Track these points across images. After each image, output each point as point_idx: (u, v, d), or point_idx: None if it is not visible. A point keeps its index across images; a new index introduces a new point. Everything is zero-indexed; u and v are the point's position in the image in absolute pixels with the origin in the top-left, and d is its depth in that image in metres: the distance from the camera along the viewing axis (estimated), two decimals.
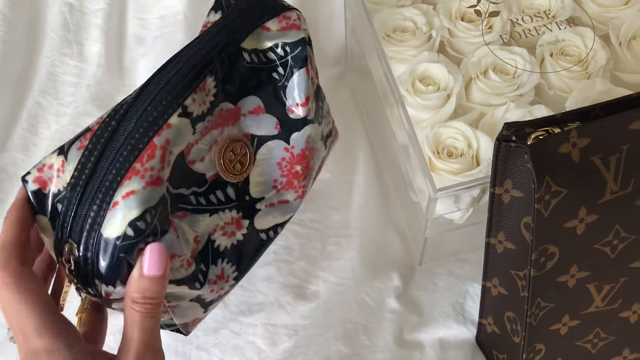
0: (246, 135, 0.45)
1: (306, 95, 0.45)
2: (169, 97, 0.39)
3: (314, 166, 0.49)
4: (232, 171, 0.44)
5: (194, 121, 0.41)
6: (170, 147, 0.39)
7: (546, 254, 0.42)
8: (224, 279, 0.44)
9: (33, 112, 0.70)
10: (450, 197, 0.49)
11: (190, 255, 0.41)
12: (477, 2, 0.56)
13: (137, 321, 0.37)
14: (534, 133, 0.39)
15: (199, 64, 0.41)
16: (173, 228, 0.40)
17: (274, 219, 0.47)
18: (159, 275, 0.37)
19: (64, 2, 0.76)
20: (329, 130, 0.51)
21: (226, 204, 0.44)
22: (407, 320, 0.57)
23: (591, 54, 0.53)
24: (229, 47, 0.43)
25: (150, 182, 0.38)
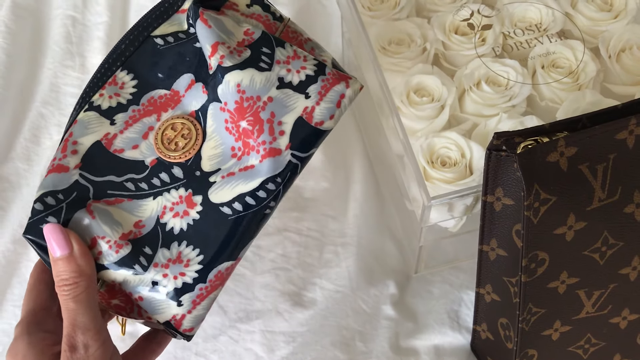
0: (192, 114, 0.45)
1: (211, 44, 0.43)
2: (80, 100, 0.44)
3: (277, 118, 0.44)
4: (174, 150, 0.44)
5: (105, 112, 0.44)
6: (72, 138, 0.43)
7: (536, 260, 0.43)
8: (182, 263, 0.42)
9: (35, 122, 0.71)
10: (444, 205, 0.50)
11: (121, 238, 0.41)
12: (470, 15, 0.58)
13: (62, 304, 0.39)
14: (523, 142, 0.40)
15: (105, 63, 0.45)
16: (87, 211, 0.41)
17: (236, 189, 0.43)
18: (65, 255, 0.38)
19: (66, 15, 0.77)
20: (307, 75, 0.45)
21: (171, 184, 0.43)
22: (402, 327, 0.58)
23: (581, 66, 0.55)
24: (137, 40, 0.45)
25: (51, 169, 0.42)
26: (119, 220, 0.42)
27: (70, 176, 0.42)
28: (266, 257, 0.61)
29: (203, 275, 0.42)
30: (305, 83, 0.45)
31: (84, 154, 0.43)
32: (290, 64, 0.45)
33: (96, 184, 0.43)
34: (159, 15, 0.46)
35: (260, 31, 0.45)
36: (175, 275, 0.42)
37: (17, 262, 0.63)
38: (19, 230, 0.64)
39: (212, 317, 0.58)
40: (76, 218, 0.41)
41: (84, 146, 0.43)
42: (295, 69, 0.45)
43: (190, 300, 0.42)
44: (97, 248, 0.41)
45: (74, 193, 0.42)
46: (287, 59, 0.45)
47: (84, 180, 0.42)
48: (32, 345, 0.40)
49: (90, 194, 0.42)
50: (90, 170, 0.43)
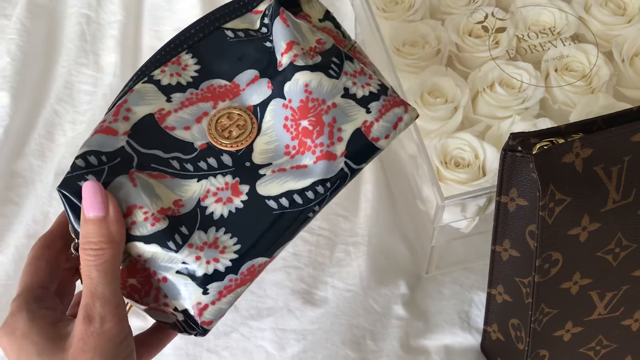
0: (249, 108, 0.44)
1: (286, 41, 0.43)
2: (139, 72, 0.44)
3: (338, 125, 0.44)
4: (227, 137, 0.43)
5: (163, 88, 0.43)
6: (126, 104, 0.42)
7: (550, 261, 0.43)
8: (218, 248, 0.41)
9: (50, 119, 0.72)
10: (457, 205, 0.50)
11: (159, 212, 0.40)
12: (485, 18, 0.58)
13: (84, 269, 0.37)
14: (538, 143, 0.40)
15: (171, 43, 0.45)
16: (130, 178, 0.40)
17: (285, 185, 0.43)
18: (100, 217, 0.36)
19: (81, 14, 0.78)
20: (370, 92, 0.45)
21: (218, 170, 0.43)
22: (413, 327, 0.58)
23: (594, 69, 0.55)
24: (207, 28, 0.45)
25: (100, 130, 0.41)
26: (160, 195, 0.41)
27: (118, 141, 0.41)
28: (278, 255, 0.61)
29: (236, 265, 0.41)
30: (369, 98, 0.45)
31: (135, 123, 0.42)
32: (357, 77, 0.45)
33: (141, 155, 0.42)
34: (232, 11, 0.46)
35: (331, 43, 0.45)
36: (208, 260, 0.41)
37: None
38: (32, 225, 0.65)
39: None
40: (117, 182, 0.40)
41: (137, 115, 0.42)
42: (360, 83, 0.45)
43: (217, 290, 0.41)
44: (132, 217, 0.39)
45: (117, 158, 0.41)
46: (354, 73, 0.45)
47: (130, 149, 0.41)
48: (32, 321, 0.37)
49: (134, 163, 0.41)
50: (138, 140, 0.42)
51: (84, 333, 0.36)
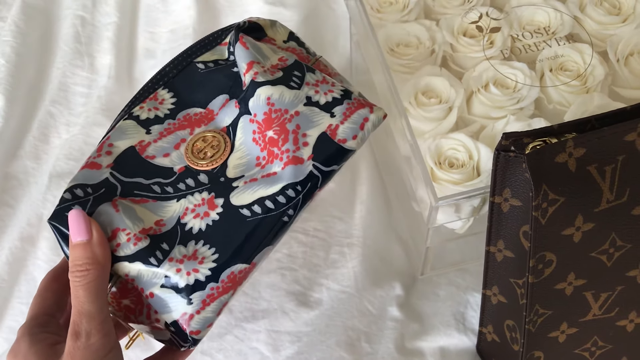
0: (223, 129, 0.47)
1: (246, 62, 0.47)
2: (122, 113, 0.48)
3: (302, 130, 0.46)
4: (203, 157, 0.46)
5: (143, 123, 0.47)
6: (109, 140, 0.46)
7: (544, 261, 0.43)
8: (197, 260, 0.43)
9: (44, 121, 0.72)
10: (451, 206, 0.50)
11: (141, 232, 0.43)
12: (479, 18, 0.58)
13: (72, 290, 0.39)
14: (531, 143, 0.40)
15: (149, 82, 0.49)
16: (113, 205, 0.43)
17: (257, 193, 0.45)
18: (83, 241, 0.39)
19: (76, 15, 0.78)
20: (333, 97, 0.48)
21: (195, 188, 0.45)
22: (408, 329, 0.58)
23: (589, 69, 0.55)
24: (181, 64, 0.49)
25: (85, 165, 0.45)
26: (141, 217, 0.43)
27: (102, 173, 0.44)
28: (272, 257, 0.61)
29: (216, 274, 0.43)
30: (332, 104, 0.47)
31: (118, 156, 0.45)
32: (319, 86, 0.48)
33: (124, 184, 0.45)
34: (203, 46, 0.50)
35: (293, 59, 0.48)
36: (188, 271, 0.43)
37: (25, 260, 0.63)
38: (26, 228, 0.64)
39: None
40: (100, 209, 0.43)
41: (119, 149, 0.46)
42: (323, 91, 0.48)
43: (200, 299, 0.43)
44: (116, 240, 0.42)
45: (102, 189, 0.44)
46: (316, 82, 0.48)
47: (114, 179, 0.44)
48: (33, 344, 0.40)
49: (118, 191, 0.44)
50: (121, 171, 0.45)
51: (72, 348, 0.38)
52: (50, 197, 0.66)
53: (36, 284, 0.61)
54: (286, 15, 0.76)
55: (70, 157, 0.68)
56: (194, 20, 0.77)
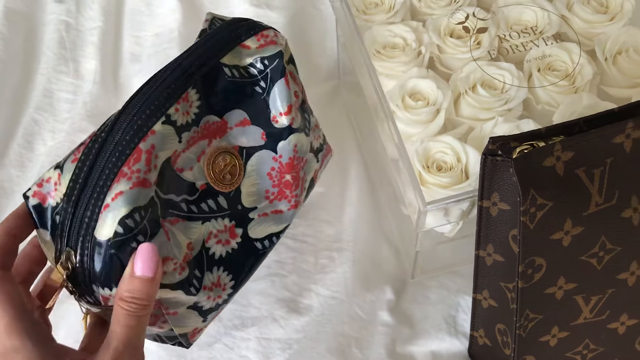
0: (235, 147, 0.47)
1: (288, 104, 0.48)
2: (152, 107, 0.42)
3: (306, 177, 0.51)
4: (222, 181, 0.46)
5: (178, 129, 0.44)
6: (155, 151, 0.42)
7: (533, 266, 0.42)
8: (220, 286, 0.46)
9: (29, 128, 0.71)
10: (441, 210, 0.49)
11: (183, 260, 0.43)
12: (466, 19, 0.57)
13: (122, 318, 0.38)
14: (519, 147, 0.39)
15: (180, 77, 0.44)
16: (164, 231, 0.42)
17: (269, 229, 0.49)
18: (149, 277, 0.39)
19: (60, 20, 0.77)
20: (320, 144, 0.53)
21: (218, 212, 0.46)
22: (399, 333, 0.57)
23: (577, 68, 0.54)
24: (210, 61, 0.46)
25: (137, 182, 0.40)
26: (180, 242, 0.43)
27: (150, 191, 0.41)
28: (261, 263, 0.60)
29: (230, 297, 0.48)
30: (318, 149, 0.53)
31: (159, 170, 0.42)
32: (315, 132, 0.52)
33: (162, 201, 0.43)
34: (225, 44, 0.47)
35: (301, 97, 0.51)
36: (214, 298, 0.46)
37: None
38: None
39: None
40: (157, 238, 0.41)
41: (160, 161, 0.42)
42: (315, 136, 0.52)
43: (212, 317, 0.47)
44: (164, 267, 0.41)
45: (149, 209, 0.41)
46: (314, 127, 0.52)
47: (156, 197, 0.42)
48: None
49: (159, 211, 0.42)
50: (161, 187, 0.43)
51: None
52: None
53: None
54: (272, 17, 0.75)
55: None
56: (180, 23, 0.76)
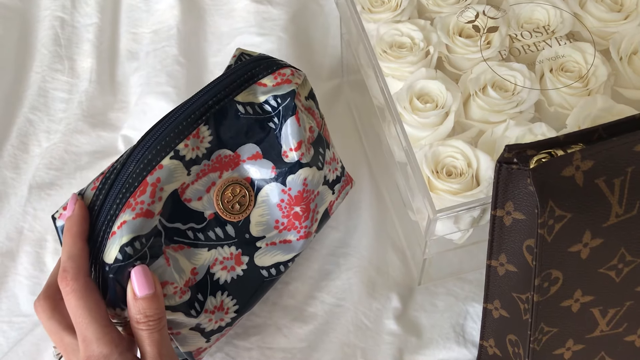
0: (247, 179, 0.50)
1: (297, 140, 0.49)
2: (162, 142, 0.45)
3: (317, 208, 0.52)
4: (231, 211, 0.49)
5: (187, 164, 0.46)
6: (160, 184, 0.45)
7: (550, 279, 0.41)
8: (223, 310, 0.48)
9: (23, 129, 0.69)
10: (450, 217, 0.48)
11: (185, 284, 0.46)
12: (475, 17, 0.55)
13: (146, 337, 0.41)
14: (536, 156, 0.38)
15: (192, 114, 0.47)
16: (165, 257, 0.45)
17: (276, 257, 0.51)
18: (150, 294, 0.42)
19: (55, 17, 0.75)
20: (336, 176, 0.54)
21: (225, 240, 0.49)
22: (406, 343, 0.56)
23: (592, 70, 0.53)
24: (222, 100, 0.48)
25: (140, 213, 0.43)
26: (183, 268, 0.46)
27: (153, 222, 0.44)
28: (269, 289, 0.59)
29: (234, 321, 0.50)
30: (334, 182, 0.54)
31: (165, 201, 0.45)
32: (331, 164, 0.54)
33: (167, 229, 0.46)
34: (242, 82, 0.50)
35: (317, 131, 0.52)
36: (216, 320, 0.48)
37: (5, 276, 0.60)
38: (5, 242, 0.62)
39: None
40: (156, 264, 0.44)
41: (166, 193, 0.45)
42: (332, 169, 0.54)
43: (215, 338, 0.50)
44: (164, 291, 0.44)
45: (151, 237, 0.44)
46: (330, 160, 0.53)
47: (160, 225, 0.45)
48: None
49: (163, 238, 0.45)
50: (165, 216, 0.45)
51: None
52: (30, 209, 0.63)
53: (17, 300, 0.59)
54: (274, 14, 0.73)
55: (50, 167, 0.65)
56: (178, 20, 0.74)
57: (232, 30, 0.74)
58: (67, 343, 0.43)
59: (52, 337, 0.43)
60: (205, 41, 0.74)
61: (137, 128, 0.68)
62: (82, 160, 0.66)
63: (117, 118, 0.70)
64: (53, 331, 0.43)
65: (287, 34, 0.72)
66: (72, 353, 0.42)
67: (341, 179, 0.55)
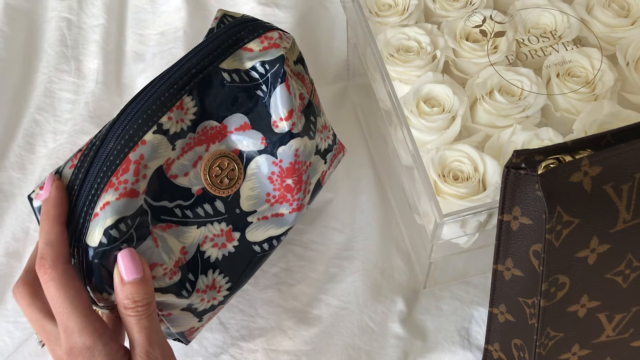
0: (235, 151, 0.47)
1: (288, 109, 0.47)
2: (144, 116, 0.43)
3: (310, 179, 0.50)
4: (220, 185, 0.46)
5: (171, 138, 0.44)
6: (144, 161, 0.42)
7: (557, 284, 0.41)
8: (215, 289, 0.47)
9: (30, 129, 0.69)
10: (457, 221, 0.48)
11: (175, 265, 0.44)
12: (483, 22, 0.55)
13: (135, 324, 0.40)
14: (544, 161, 0.38)
15: (175, 84, 0.44)
16: (152, 238, 0.43)
17: (268, 232, 0.49)
18: (138, 278, 0.40)
19: (62, 18, 0.75)
20: (328, 144, 0.52)
21: (214, 217, 0.46)
22: (411, 346, 0.56)
23: (598, 75, 0.53)
24: (206, 68, 0.45)
25: (124, 193, 0.41)
26: (172, 247, 0.44)
27: (138, 201, 0.42)
28: (269, 272, 0.59)
29: (227, 299, 0.48)
30: (327, 151, 0.52)
31: (149, 179, 0.43)
32: (322, 132, 0.51)
33: (153, 208, 0.43)
34: (226, 48, 0.47)
35: (307, 98, 0.50)
36: (208, 300, 0.46)
37: (10, 276, 0.60)
38: (12, 242, 0.62)
39: (214, 334, 0.56)
40: (144, 245, 0.42)
41: (150, 170, 0.43)
42: (323, 137, 0.51)
43: (208, 317, 0.48)
44: (153, 272, 0.42)
45: (137, 218, 0.42)
46: (321, 128, 0.51)
47: (145, 205, 0.43)
48: None
49: (149, 218, 0.43)
50: (151, 195, 0.43)
51: None
52: None
53: None
54: (280, 17, 0.73)
55: None
56: (185, 21, 0.74)
57: None
58: (49, 331, 0.41)
59: (33, 325, 0.42)
60: None
61: None
62: None
63: None
64: (34, 319, 0.42)
65: (293, 36, 0.72)
66: (55, 342, 0.41)
67: (333, 147, 0.52)
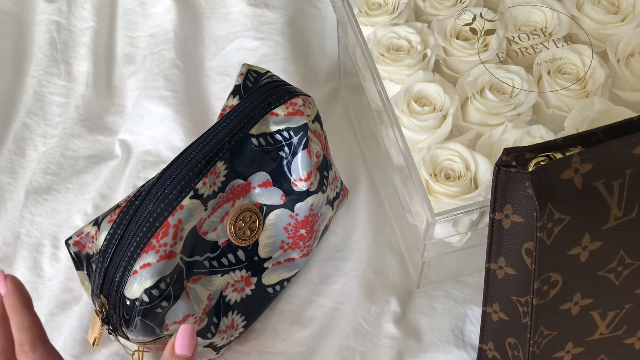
0: (256, 205, 0.52)
1: (307, 172, 0.52)
2: (182, 182, 0.47)
3: (319, 227, 0.56)
4: (242, 237, 0.51)
5: (204, 200, 0.48)
6: (182, 225, 0.46)
7: (549, 282, 0.40)
8: (234, 327, 0.52)
9: (20, 133, 0.68)
10: (449, 220, 0.48)
11: (203, 312, 0.48)
12: (473, 20, 0.55)
13: None
14: (534, 159, 0.37)
15: (210, 152, 0.48)
16: (185, 292, 0.47)
17: (280, 275, 0.54)
18: (187, 356, 0.42)
19: (51, 21, 0.75)
20: (336, 193, 0.57)
21: (236, 265, 0.51)
22: (405, 346, 0.55)
23: (589, 72, 0.53)
24: (237, 135, 0.50)
25: (164, 255, 0.45)
26: (201, 297, 0.48)
27: (175, 260, 0.46)
28: None
29: (241, 334, 0.53)
30: (334, 199, 0.57)
31: (185, 239, 0.47)
32: (332, 184, 0.56)
33: (187, 264, 0.47)
34: (255, 115, 0.51)
35: (322, 155, 0.54)
36: (227, 337, 0.51)
37: None
38: (2, 248, 0.61)
39: None
40: (180, 301, 0.46)
41: (186, 231, 0.47)
42: (333, 188, 0.56)
43: (224, 349, 0.53)
44: (185, 322, 0.46)
45: (175, 275, 0.46)
46: (332, 181, 0.55)
47: (181, 262, 0.47)
48: None
49: (184, 274, 0.47)
50: (186, 252, 0.47)
51: None
52: (27, 214, 0.63)
53: None
54: (270, 17, 0.73)
55: (47, 172, 0.65)
56: (175, 23, 0.74)
57: (229, 33, 0.74)
58: None
59: None
60: (202, 45, 0.74)
61: (134, 132, 0.67)
62: (79, 165, 0.66)
63: (114, 122, 0.70)
64: None
65: (284, 37, 0.72)
66: None
67: (340, 194, 0.57)
